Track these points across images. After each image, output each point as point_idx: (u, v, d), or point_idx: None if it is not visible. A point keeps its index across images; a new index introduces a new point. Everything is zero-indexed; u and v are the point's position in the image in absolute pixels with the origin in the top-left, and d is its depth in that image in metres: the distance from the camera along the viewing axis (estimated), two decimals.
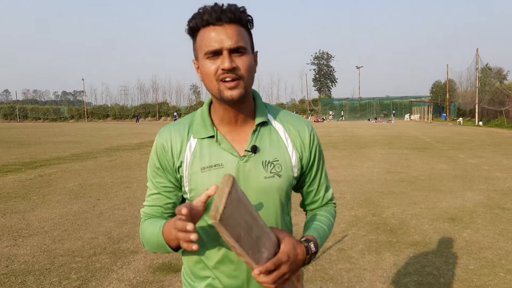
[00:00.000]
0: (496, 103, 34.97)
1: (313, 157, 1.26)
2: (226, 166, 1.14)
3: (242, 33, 1.09)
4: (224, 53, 1.05)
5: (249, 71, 1.09)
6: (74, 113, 74.49)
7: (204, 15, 1.06)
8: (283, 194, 1.20)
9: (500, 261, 3.95)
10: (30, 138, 23.25)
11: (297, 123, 1.25)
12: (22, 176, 9.25)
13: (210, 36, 1.06)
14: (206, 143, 1.17)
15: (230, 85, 1.07)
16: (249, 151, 1.15)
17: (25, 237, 4.84)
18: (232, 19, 1.07)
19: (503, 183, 7.79)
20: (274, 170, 1.17)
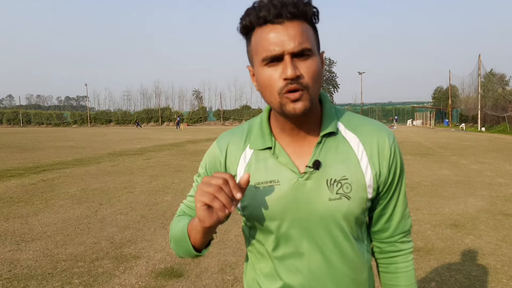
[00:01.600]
0: (498, 109, 34.92)
1: (392, 174, 1.04)
2: (282, 184, 0.99)
3: (307, 31, 0.90)
4: (286, 58, 0.87)
5: (316, 78, 0.91)
6: (77, 118, 74.78)
7: (260, 11, 0.88)
8: (353, 219, 1.00)
9: (503, 268, 3.94)
10: (33, 143, 23.32)
11: (375, 132, 1.03)
12: (25, 181, 9.28)
13: (268, 38, 0.88)
14: (262, 156, 1.02)
15: (293, 96, 0.89)
16: (311, 167, 0.97)
17: (27, 242, 4.85)
18: (294, 15, 0.88)
19: (505, 189, 7.77)
20: (342, 191, 0.98)
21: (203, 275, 3.83)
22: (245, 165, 1.04)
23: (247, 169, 1.03)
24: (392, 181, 1.05)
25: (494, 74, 42.99)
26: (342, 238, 1.00)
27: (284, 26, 0.87)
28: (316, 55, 0.92)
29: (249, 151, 1.05)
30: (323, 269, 1.01)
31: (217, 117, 68.03)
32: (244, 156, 1.05)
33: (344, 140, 1.01)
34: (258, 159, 1.03)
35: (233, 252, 4.44)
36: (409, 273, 1.10)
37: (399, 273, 1.10)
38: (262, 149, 1.03)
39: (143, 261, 4.20)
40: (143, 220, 5.73)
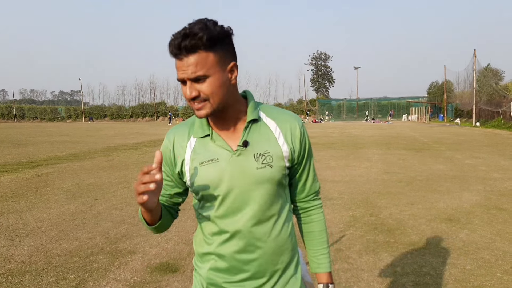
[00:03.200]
0: (493, 104, 35.07)
1: (303, 149, 1.36)
2: (221, 160, 1.27)
3: (203, 60, 1.16)
4: (188, 83, 1.19)
5: (214, 92, 1.19)
6: (72, 113, 74.35)
7: (170, 46, 1.18)
8: (275, 183, 1.30)
9: (497, 262, 3.96)
10: (27, 138, 23.19)
11: (288, 118, 1.35)
12: (19, 176, 9.23)
13: (177, 67, 1.19)
14: (203, 142, 1.31)
15: (196, 106, 1.22)
16: (241, 145, 1.27)
17: (22, 237, 4.82)
18: (190, 49, 1.14)
19: (500, 184, 7.82)
20: (266, 161, 1.28)
21: None
22: (191, 150, 1.32)
23: (192, 154, 1.31)
24: (303, 154, 1.37)
25: (491, 70, 43.14)
26: (268, 197, 1.30)
27: (182, 61, 1.16)
28: (214, 74, 1.18)
29: (193, 140, 1.33)
30: (255, 220, 1.29)
31: None
32: (189, 143, 1.33)
33: (265, 125, 1.32)
34: (200, 144, 1.31)
35: None
36: (320, 222, 1.45)
37: (313, 222, 1.44)
38: (202, 136, 1.31)
39: (139, 256, 4.19)
40: (138, 215, 5.71)
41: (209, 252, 1.35)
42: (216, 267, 1.33)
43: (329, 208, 5.98)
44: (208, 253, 1.35)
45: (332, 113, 62.91)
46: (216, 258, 1.33)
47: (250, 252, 1.30)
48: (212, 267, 1.34)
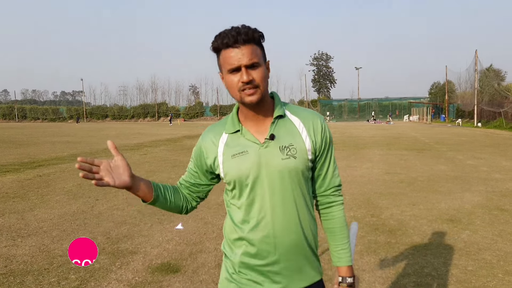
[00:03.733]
0: (494, 105, 34.99)
1: (324, 143, 1.48)
2: (250, 152, 1.42)
3: (255, 50, 1.36)
4: (242, 69, 1.33)
5: (263, 80, 1.37)
6: (73, 113, 74.41)
7: (224, 39, 1.33)
8: (299, 173, 1.43)
9: (498, 262, 3.96)
10: (28, 138, 23.23)
11: (310, 115, 1.50)
12: (21, 176, 9.24)
13: (231, 56, 1.34)
14: (235, 137, 1.46)
15: (249, 92, 1.35)
16: (268, 138, 1.42)
17: (23, 237, 4.83)
18: (246, 40, 1.33)
19: (502, 184, 7.81)
20: (290, 153, 1.42)
21: (200, 270, 3.83)
22: (223, 145, 1.47)
23: (225, 148, 1.46)
24: (324, 148, 1.49)
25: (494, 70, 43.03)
26: (294, 186, 1.43)
27: (240, 48, 1.33)
28: (263, 65, 1.39)
29: (225, 135, 1.48)
30: (280, 207, 1.42)
31: (214, 112, 67.91)
32: (222, 139, 1.48)
33: (290, 121, 1.47)
34: (232, 139, 1.47)
35: None
36: (341, 218, 1.55)
37: (335, 218, 1.54)
38: (233, 132, 1.47)
39: (140, 256, 4.19)
40: (139, 216, 5.72)
41: (240, 238, 1.46)
42: (247, 252, 1.45)
43: None
44: (239, 238, 1.46)
45: (334, 114, 62.84)
46: (247, 243, 1.45)
47: (276, 237, 1.42)
48: (244, 252, 1.46)
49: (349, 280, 1.49)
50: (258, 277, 1.45)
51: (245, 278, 1.46)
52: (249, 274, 1.46)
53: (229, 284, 1.50)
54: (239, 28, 1.34)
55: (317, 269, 1.53)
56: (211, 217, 5.56)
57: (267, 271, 1.44)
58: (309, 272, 1.49)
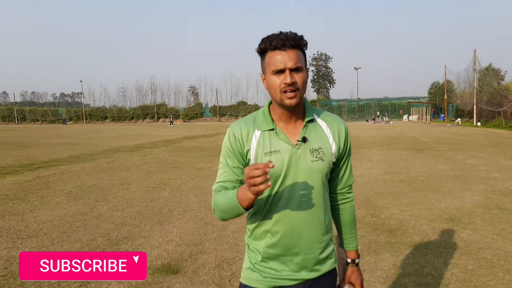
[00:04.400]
0: (494, 104, 35.01)
1: (345, 147, 1.62)
2: (282, 152, 1.49)
3: (300, 56, 1.45)
4: (287, 72, 1.41)
5: (304, 85, 1.46)
6: (73, 114, 74.37)
7: (272, 41, 1.42)
8: (324, 174, 1.55)
9: (498, 261, 3.96)
10: (28, 140, 23.21)
11: (336, 121, 1.61)
12: (20, 178, 9.24)
13: (277, 58, 1.42)
14: (267, 134, 1.52)
15: (290, 95, 1.43)
16: (300, 141, 1.51)
17: (23, 239, 4.83)
18: (293, 45, 1.42)
19: (501, 184, 7.81)
20: (319, 156, 1.52)
21: (200, 271, 3.82)
22: (256, 141, 1.52)
23: (257, 145, 1.51)
24: (346, 151, 1.63)
25: (493, 69, 43.02)
26: (318, 186, 1.54)
27: (287, 52, 1.42)
28: (305, 70, 1.47)
29: (257, 132, 1.53)
30: (304, 204, 1.52)
31: (213, 113, 67.90)
32: (255, 135, 1.53)
33: (319, 125, 1.57)
34: (264, 137, 1.52)
35: (230, 248, 4.43)
36: (352, 212, 1.72)
37: (346, 212, 1.70)
38: (266, 130, 1.52)
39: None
40: (139, 217, 5.72)
41: (265, 231, 1.55)
42: (271, 244, 1.54)
43: None
44: (264, 231, 1.55)
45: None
46: (270, 236, 1.54)
47: (299, 232, 1.52)
48: (268, 244, 1.54)
49: (357, 261, 1.68)
50: (279, 266, 1.55)
51: (267, 267, 1.55)
52: (270, 262, 1.55)
53: (252, 273, 1.58)
54: (287, 34, 1.43)
55: (333, 258, 1.65)
56: (210, 217, 5.55)
57: (288, 260, 1.54)
58: (326, 262, 1.61)
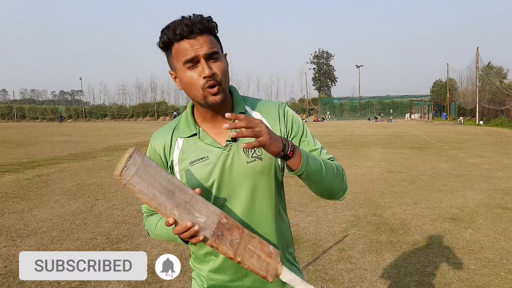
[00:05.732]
0: (496, 103, 34.92)
1: (290, 127, 1.33)
2: (211, 157, 1.27)
3: (213, 41, 1.20)
4: (202, 61, 1.17)
5: (225, 74, 1.21)
6: (72, 112, 74.37)
7: (176, 29, 1.16)
8: (268, 176, 1.29)
9: (501, 261, 3.93)
10: (27, 138, 23.22)
11: (270, 107, 1.35)
12: (20, 176, 9.22)
13: (185, 47, 1.17)
14: (191, 141, 1.30)
15: (213, 91, 1.18)
16: (230, 140, 1.27)
17: (23, 238, 4.80)
18: (202, 30, 1.17)
19: (504, 183, 7.77)
20: (255, 154, 1.27)
21: None
22: (179, 151, 1.31)
23: (180, 154, 1.30)
24: (294, 136, 1.32)
25: (492, 67, 42.94)
26: (260, 191, 1.28)
27: (196, 39, 1.16)
28: (223, 57, 1.22)
29: (180, 140, 1.32)
30: (248, 216, 1.28)
31: None
32: (177, 144, 1.32)
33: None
34: (188, 144, 1.30)
35: None
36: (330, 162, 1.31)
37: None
38: (189, 136, 1.30)
39: None
40: (139, 215, 5.69)
41: (207, 253, 1.34)
42: (215, 268, 1.34)
43: (332, 207, 5.94)
44: (207, 253, 1.35)
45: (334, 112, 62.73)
46: (214, 258, 1.33)
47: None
48: (212, 268, 1.35)
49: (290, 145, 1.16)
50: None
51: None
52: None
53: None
54: (191, 17, 1.18)
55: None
56: None
57: (236, 287, 1.34)
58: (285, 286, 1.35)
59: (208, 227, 1.11)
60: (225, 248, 1.12)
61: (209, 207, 1.15)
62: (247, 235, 1.19)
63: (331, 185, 1.28)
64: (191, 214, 1.10)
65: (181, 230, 1.08)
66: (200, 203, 1.13)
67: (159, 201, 1.07)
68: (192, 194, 1.13)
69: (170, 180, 1.11)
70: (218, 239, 1.12)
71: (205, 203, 1.15)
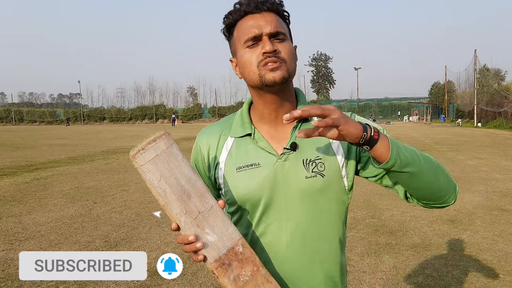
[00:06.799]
0: (494, 105, 35.02)
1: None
2: (263, 165, 1.06)
3: (281, 22, 1.05)
4: (264, 38, 1.00)
5: (292, 56, 1.03)
6: (70, 115, 74.23)
7: (241, 6, 1.03)
8: (329, 197, 1.08)
9: (499, 263, 3.93)
10: (26, 141, 23.16)
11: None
12: (18, 179, 9.19)
13: (248, 24, 1.02)
14: (243, 142, 1.11)
15: (272, 66, 0.99)
16: (288, 148, 1.06)
17: (21, 241, 4.79)
18: (270, 8, 1.03)
19: (502, 185, 7.78)
20: (317, 169, 1.06)
21: (199, 273, 3.79)
22: (226, 153, 1.11)
23: (228, 157, 1.11)
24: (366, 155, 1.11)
25: (488, 70, 43.08)
26: (318, 213, 1.07)
27: (262, 15, 1.02)
28: (288, 40, 1.04)
29: (230, 140, 1.13)
30: (300, 243, 1.07)
31: (212, 114, 67.80)
32: (225, 145, 1.12)
33: None
34: (238, 145, 1.11)
35: None
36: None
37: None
38: (242, 136, 1.11)
39: None
40: (138, 219, 5.68)
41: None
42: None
43: None
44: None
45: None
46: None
47: (295, 280, 1.08)
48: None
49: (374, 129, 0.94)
50: None
51: None
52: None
53: None
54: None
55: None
56: None
57: None
58: None
59: (215, 250, 0.94)
60: (227, 281, 0.95)
61: (227, 227, 0.96)
62: (261, 276, 0.97)
63: (436, 179, 1.00)
64: (200, 227, 0.94)
65: (182, 241, 0.95)
66: (217, 219, 0.96)
67: (167, 199, 0.93)
68: (212, 206, 0.96)
69: (191, 181, 0.95)
70: (222, 268, 0.95)
71: (224, 221, 0.97)
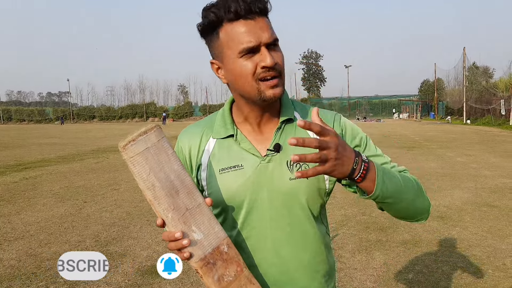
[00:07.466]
0: (483, 102, 35.40)
1: (349, 142, 1.11)
2: (246, 167, 1.05)
3: (271, 24, 0.99)
4: (263, 49, 0.95)
5: (283, 66, 1.01)
6: (60, 114, 73.48)
7: (230, 5, 0.93)
8: (313, 198, 1.08)
9: (488, 258, 3.98)
10: (14, 140, 22.90)
11: (326, 118, 1.11)
12: (6, 179, 9.09)
13: (242, 31, 0.94)
14: (226, 144, 1.09)
15: (272, 83, 0.97)
16: (272, 150, 1.05)
17: (10, 241, 4.74)
18: (261, 10, 0.96)
19: (491, 181, 7.87)
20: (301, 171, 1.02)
21: (190, 272, 3.78)
22: (208, 154, 1.10)
23: (210, 158, 1.08)
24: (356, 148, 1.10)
25: (478, 67, 43.53)
26: (303, 216, 1.07)
27: (255, 20, 0.95)
28: (279, 46, 1.01)
29: (212, 141, 1.10)
30: (285, 246, 1.07)
31: (203, 112, 67.59)
32: (207, 146, 1.11)
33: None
34: (221, 147, 1.09)
35: None
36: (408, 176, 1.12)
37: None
38: (224, 137, 1.09)
39: (129, 259, 4.13)
40: (128, 218, 5.65)
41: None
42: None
43: None
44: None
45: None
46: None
47: (279, 283, 1.08)
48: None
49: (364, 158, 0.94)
50: None
51: None
52: None
53: None
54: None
55: None
56: None
57: None
58: None
59: (200, 248, 0.93)
60: (210, 281, 0.94)
61: (213, 226, 0.96)
62: (245, 277, 0.97)
63: (413, 204, 1.07)
64: (187, 224, 0.93)
65: (168, 237, 0.92)
66: (204, 217, 0.95)
67: (155, 194, 0.91)
68: (199, 203, 0.95)
69: (180, 176, 0.94)
70: (206, 267, 0.94)
71: (210, 219, 0.96)
